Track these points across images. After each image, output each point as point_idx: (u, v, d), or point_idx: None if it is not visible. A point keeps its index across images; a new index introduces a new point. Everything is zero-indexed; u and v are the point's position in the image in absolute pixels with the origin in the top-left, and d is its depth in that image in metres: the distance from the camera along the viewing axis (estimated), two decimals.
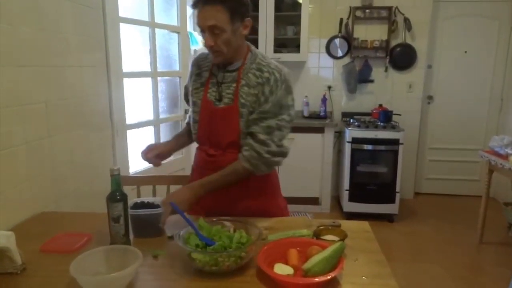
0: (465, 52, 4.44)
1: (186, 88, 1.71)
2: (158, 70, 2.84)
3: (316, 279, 1.06)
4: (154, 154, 1.60)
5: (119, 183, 1.28)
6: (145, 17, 2.69)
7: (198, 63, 1.62)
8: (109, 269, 1.10)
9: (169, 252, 1.29)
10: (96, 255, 1.14)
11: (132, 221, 1.38)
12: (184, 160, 3.12)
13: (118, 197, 1.27)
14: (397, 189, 3.87)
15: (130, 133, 2.59)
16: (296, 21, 4.08)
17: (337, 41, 4.35)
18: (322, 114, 4.28)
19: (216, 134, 1.53)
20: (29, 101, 1.66)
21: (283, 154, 1.50)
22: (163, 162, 1.66)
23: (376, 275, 1.16)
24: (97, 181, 2.16)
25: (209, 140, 1.56)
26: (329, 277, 1.05)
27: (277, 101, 1.44)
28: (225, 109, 1.50)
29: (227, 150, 1.52)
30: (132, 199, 1.45)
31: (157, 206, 1.44)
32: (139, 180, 2.02)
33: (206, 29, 1.38)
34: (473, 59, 4.44)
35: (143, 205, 1.47)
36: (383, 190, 3.93)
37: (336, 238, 1.31)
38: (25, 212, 1.63)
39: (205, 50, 1.55)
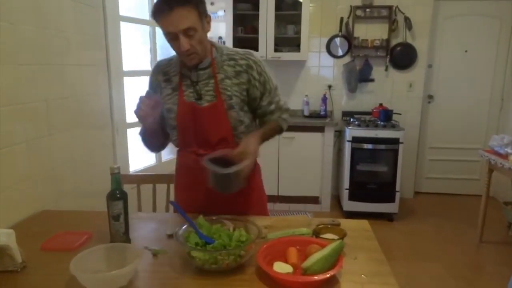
0: (466, 51, 4.44)
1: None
2: None
3: (315, 277, 1.06)
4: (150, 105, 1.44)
5: (119, 181, 1.28)
6: (146, 16, 2.70)
7: (163, 70, 1.58)
8: (109, 267, 1.10)
9: (168, 250, 1.29)
10: (96, 253, 1.15)
11: (220, 179, 1.33)
12: None
13: (118, 196, 1.27)
14: (397, 188, 3.88)
15: (130, 132, 2.59)
16: (296, 20, 4.08)
17: (337, 40, 4.35)
18: (322, 113, 4.28)
19: (204, 133, 1.51)
20: (30, 99, 1.67)
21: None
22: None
23: (375, 274, 1.17)
24: (97, 179, 2.16)
25: (195, 141, 1.54)
26: (328, 275, 1.06)
27: (268, 78, 1.56)
28: (211, 106, 1.49)
29: (217, 146, 1.51)
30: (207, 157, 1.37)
31: (230, 160, 1.35)
32: (139, 178, 2.03)
33: (180, 33, 1.34)
34: (473, 58, 4.43)
35: (217, 161, 1.36)
36: (383, 189, 3.93)
37: (335, 237, 1.31)
38: (25, 210, 1.64)
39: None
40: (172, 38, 1.37)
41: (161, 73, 1.58)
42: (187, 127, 1.53)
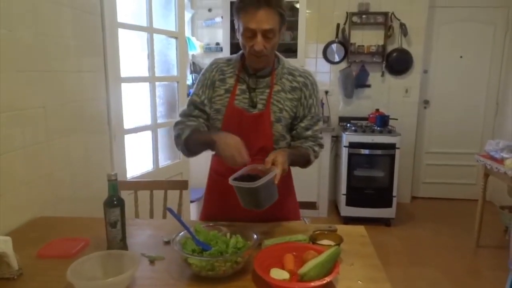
0: (461, 57, 4.48)
1: (197, 95, 1.56)
2: (156, 75, 2.85)
3: (312, 284, 1.07)
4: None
5: (116, 188, 1.29)
6: (144, 23, 2.71)
7: (221, 68, 1.56)
8: (106, 274, 1.10)
9: (165, 257, 1.29)
10: (93, 260, 1.14)
11: (249, 194, 1.28)
12: (181, 164, 3.13)
13: (115, 202, 1.28)
14: (394, 193, 3.89)
15: (127, 138, 2.59)
16: (293, 26, 4.10)
17: (334, 46, 4.38)
18: None
19: (246, 140, 1.45)
20: (28, 105, 1.67)
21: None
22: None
23: (371, 279, 1.17)
24: (94, 185, 2.16)
25: None
26: (324, 282, 1.06)
27: (317, 103, 1.57)
28: (258, 115, 1.48)
29: (256, 156, 1.48)
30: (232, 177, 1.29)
31: (256, 176, 1.30)
32: (137, 185, 2.03)
33: (260, 32, 1.35)
34: (468, 64, 4.47)
35: (244, 179, 1.31)
36: (380, 194, 3.94)
37: (332, 243, 1.31)
38: (22, 216, 1.63)
39: (203, 55, 1.54)
40: (249, 35, 1.37)
41: (218, 71, 1.55)
42: (230, 132, 1.48)
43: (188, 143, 1.51)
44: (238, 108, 1.50)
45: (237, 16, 1.40)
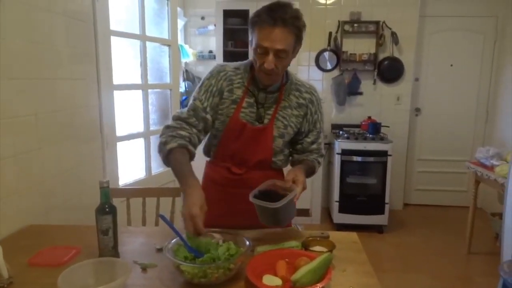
0: (451, 65, 4.54)
1: (200, 101, 1.48)
2: (149, 82, 2.86)
3: None
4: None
5: (108, 195, 1.28)
6: (136, 30, 2.72)
7: (229, 77, 1.50)
8: (98, 282, 1.09)
9: (158, 265, 1.29)
10: (84, 268, 1.14)
11: (271, 214, 1.31)
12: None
13: (107, 210, 1.27)
14: (387, 200, 3.91)
15: (120, 145, 2.59)
16: None
17: (326, 54, 4.42)
18: None
19: (245, 152, 1.49)
20: (19, 113, 1.67)
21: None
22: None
23: (363, 285, 1.18)
24: (86, 193, 2.15)
25: (231, 158, 1.52)
26: None
27: (321, 119, 1.60)
28: (261, 129, 1.48)
29: (253, 168, 1.50)
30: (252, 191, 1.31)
31: (275, 192, 1.34)
32: (129, 192, 2.02)
33: (272, 52, 1.32)
34: (459, 72, 4.54)
35: (262, 195, 1.33)
36: (372, 201, 3.96)
37: (324, 249, 1.32)
38: (13, 225, 1.62)
39: (196, 63, 1.54)
40: (261, 52, 1.34)
41: (227, 79, 1.49)
42: (229, 144, 1.50)
43: (169, 157, 1.39)
44: (242, 122, 1.48)
45: (251, 30, 1.37)
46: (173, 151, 1.38)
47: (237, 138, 1.49)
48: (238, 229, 1.40)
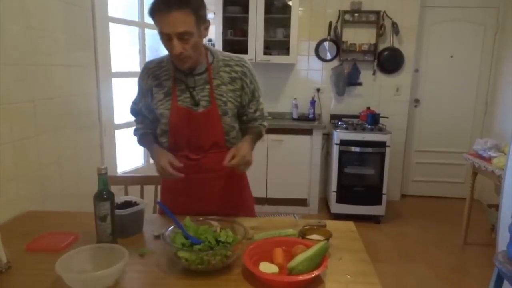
0: (451, 56, 4.52)
1: (135, 103, 1.66)
2: None
3: (300, 277, 1.08)
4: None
5: (106, 182, 1.28)
6: (135, 17, 2.69)
7: (154, 73, 1.54)
8: (96, 268, 1.10)
9: (155, 251, 1.30)
10: (82, 254, 1.14)
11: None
12: None
13: (105, 196, 1.27)
14: (384, 191, 3.92)
15: (118, 133, 2.58)
16: (286, 24, 4.11)
17: (326, 44, 4.39)
18: (310, 116, 4.32)
19: (198, 138, 1.52)
20: (16, 100, 1.66)
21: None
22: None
23: (359, 274, 1.19)
24: (84, 180, 2.15)
25: (187, 146, 1.55)
26: (312, 275, 1.07)
27: (257, 87, 1.61)
28: (206, 113, 1.50)
29: (209, 151, 1.54)
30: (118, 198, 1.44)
31: (133, 204, 1.47)
32: (127, 180, 2.02)
33: (175, 36, 1.32)
34: (459, 63, 4.52)
35: (123, 205, 1.46)
36: (370, 191, 3.98)
37: (321, 238, 1.33)
38: (11, 211, 1.62)
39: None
40: (166, 38, 1.35)
41: (151, 77, 1.54)
42: (180, 132, 1.53)
43: (140, 143, 1.68)
44: (183, 108, 1.50)
45: (152, 19, 1.37)
46: (141, 138, 1.66)
47: (186, 126, 1.51)
48: (205, 215, 1.41)
